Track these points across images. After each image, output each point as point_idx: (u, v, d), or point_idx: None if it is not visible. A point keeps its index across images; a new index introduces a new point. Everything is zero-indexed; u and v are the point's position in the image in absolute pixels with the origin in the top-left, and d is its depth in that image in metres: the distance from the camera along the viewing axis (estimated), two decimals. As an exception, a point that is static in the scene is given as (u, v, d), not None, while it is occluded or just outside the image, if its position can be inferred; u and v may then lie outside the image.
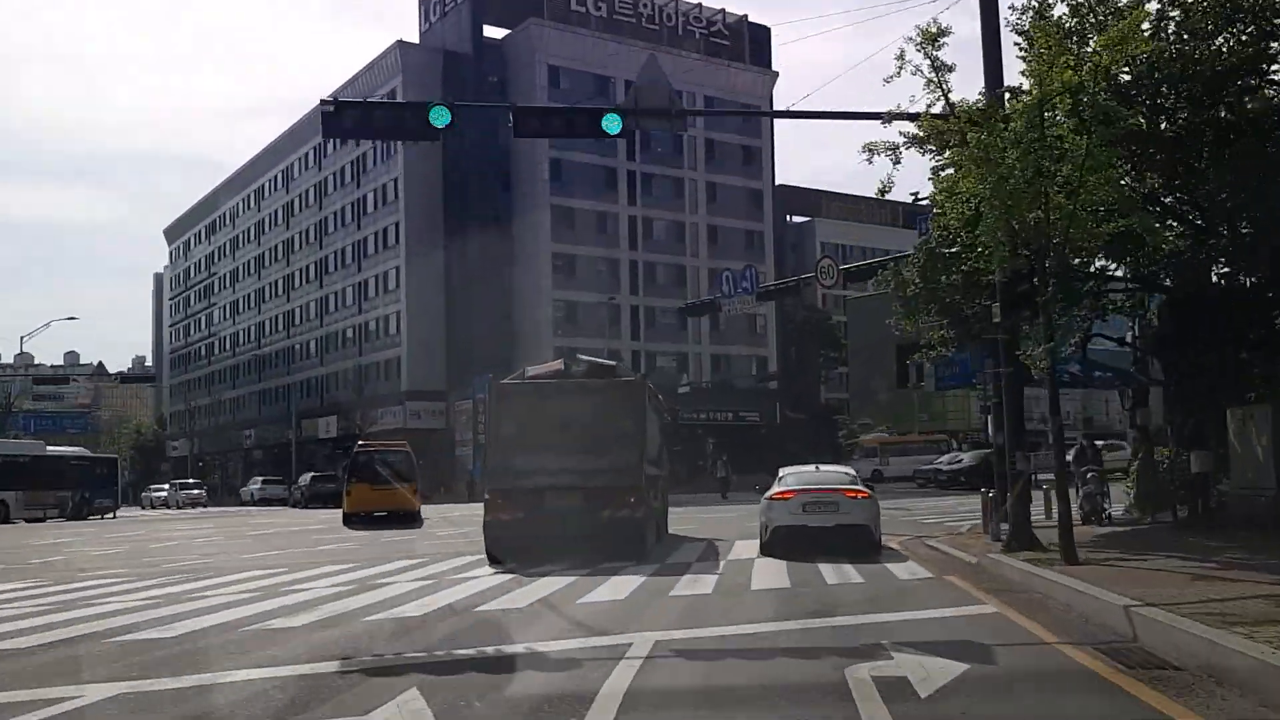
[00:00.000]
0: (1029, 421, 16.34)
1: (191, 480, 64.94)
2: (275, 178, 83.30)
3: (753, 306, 27.19)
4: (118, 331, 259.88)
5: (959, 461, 42.67)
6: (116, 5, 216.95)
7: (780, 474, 17.87)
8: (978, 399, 71.97)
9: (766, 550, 15.76)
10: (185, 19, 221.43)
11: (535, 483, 15.56)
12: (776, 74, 72.50)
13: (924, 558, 15.21)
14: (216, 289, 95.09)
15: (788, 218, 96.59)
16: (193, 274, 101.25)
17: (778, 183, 75.88)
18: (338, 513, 29.89)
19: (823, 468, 19.08)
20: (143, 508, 61.77)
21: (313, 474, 50.39)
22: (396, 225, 66.32)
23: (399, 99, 66.44)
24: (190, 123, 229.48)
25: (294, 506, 48.80)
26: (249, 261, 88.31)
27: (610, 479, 15.54)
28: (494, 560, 15.56)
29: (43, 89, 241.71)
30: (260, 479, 63.37)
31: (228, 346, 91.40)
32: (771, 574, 13.22)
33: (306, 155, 78.19)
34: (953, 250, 16.15)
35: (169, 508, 57.13)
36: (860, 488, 16.85)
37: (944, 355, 18.92)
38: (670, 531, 20.56)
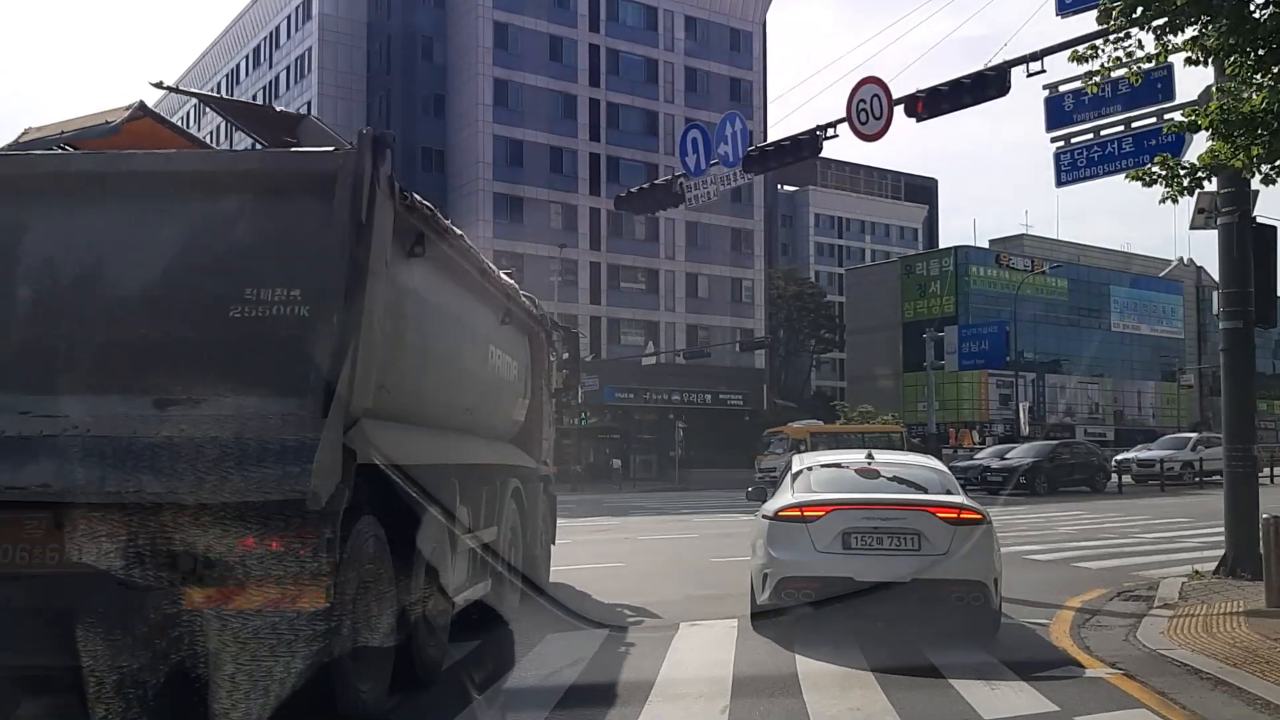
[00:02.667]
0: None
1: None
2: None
3: (736, 183, 15.97)
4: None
5: (1008, 457, 31.85)
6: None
7: (793, 468, 7.69)
8: (995, 385, 63.52)
9: (763, 625, 7.50)
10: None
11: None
12: (772, -8, 61.34)
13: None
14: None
15: (778, 186, 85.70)
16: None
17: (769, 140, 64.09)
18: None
19: (881, 456, 8.38)
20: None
21: None
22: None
23: (314, 13, 55.44)
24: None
25: None
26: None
27: (215, 481, 4.29)
28: None
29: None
30: None
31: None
32: None
33: (219, 86, 66.86)
34: None
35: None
36: (963, 500, 7.95)
37: None
38: (555, 578, 10.44)
